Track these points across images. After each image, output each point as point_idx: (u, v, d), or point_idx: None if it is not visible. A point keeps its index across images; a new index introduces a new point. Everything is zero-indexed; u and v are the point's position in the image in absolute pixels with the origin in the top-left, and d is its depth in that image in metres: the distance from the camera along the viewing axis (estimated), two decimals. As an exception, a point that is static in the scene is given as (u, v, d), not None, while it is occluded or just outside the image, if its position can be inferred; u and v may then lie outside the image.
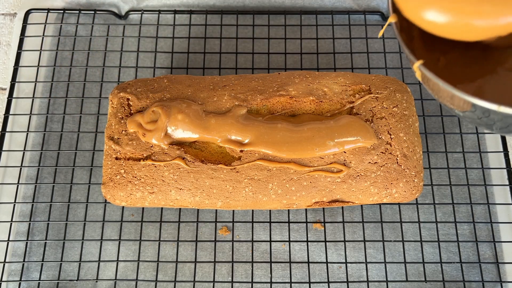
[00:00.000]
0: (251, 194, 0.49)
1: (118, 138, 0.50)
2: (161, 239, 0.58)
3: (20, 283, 0.56)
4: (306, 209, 0.58)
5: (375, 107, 0.51)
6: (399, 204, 0.58)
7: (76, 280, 0.56)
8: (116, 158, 0.50)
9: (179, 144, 0.50)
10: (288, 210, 0.59)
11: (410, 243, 0.57)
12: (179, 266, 0.57)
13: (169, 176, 0.49)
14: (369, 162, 0.49)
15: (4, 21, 0.70)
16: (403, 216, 0.58)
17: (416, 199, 0.58)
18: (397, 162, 0.50)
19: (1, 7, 0.71)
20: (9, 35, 0.69)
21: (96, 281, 0.56)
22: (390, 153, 0.50)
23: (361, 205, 0.58)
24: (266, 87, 0.52)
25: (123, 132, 0.50)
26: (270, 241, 0.57)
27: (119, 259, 0.56)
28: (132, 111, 0.51)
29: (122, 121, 0.51)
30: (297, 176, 0.49)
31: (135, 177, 0.49)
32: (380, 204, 0.58)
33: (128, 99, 0.52)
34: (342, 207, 0.58)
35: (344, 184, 0.49)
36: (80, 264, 0.56)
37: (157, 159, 0.49)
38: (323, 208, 0.58)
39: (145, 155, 0.50)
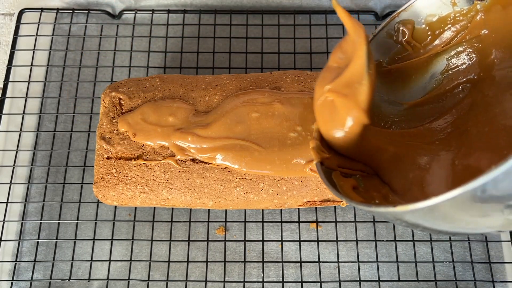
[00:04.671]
0: (242, 193, 0.49)
1: (109, 138, 0.50)
2: (159, 238, 0.58)
3: (12, 283, 0.56)
4: (303, 209, 0.58)
5: (367, 106, 0.51)
6: (391, 203, 0.58)
7: (68, 280, 0.56)
8: (108, 158, 0.50)
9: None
10: (283, 209, 0.59)
11: (404, 243, 0.57)
12: (176, 265, 0.57)
13: (160, 175, 0.49)
14: (360, 162, 0.49)
15: (4, 21, 0.70)
16: (396, 215, 0.58)
17: (409, 198, 0.58)
18: (389, 162, 0.50)
19: (1, 7, 0.71)
20: (9, 35, 0.69)
21: (88, 281, 0.56)
22: (381, 152, 0.50)
23: (354, 205, 0.58)
24: (258, 86, 0.52)
25: (115, 131, 0.50)
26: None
27: (112, 259, 0.56)
28: (123, 111, 0.51)
29: (114, 121, 0.51)
30: (288, 176, 0.49)
31: (126, 176, 0.49)
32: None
33: (120, 99, 0.52)
34: (335, 206, 0.58)
35: (335, 183, 0.49)
36: (72, 263, 0.56)
37: (148, 159, 0.49)
38: (316, 208, 0.58)
39: (136, 155, 0.50)
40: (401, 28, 0.44)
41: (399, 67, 0.45)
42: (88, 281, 0.56)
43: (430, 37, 0.44)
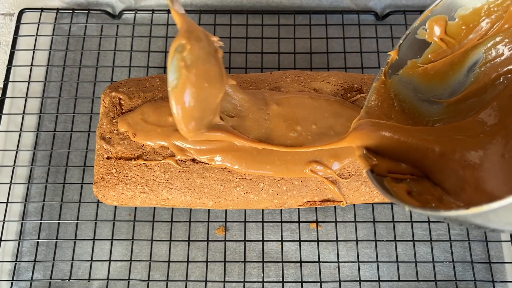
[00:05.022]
0: (242, 193, 0.49)
1: (109, 138, 0.50)
2: (159, 238, 0.58)
3: (12, 283, 0.56)
4: (303, 209, 0.58)
5: (367, 106, 0.51)
6: (391, 203, 0.58)
7: (68, 280, 0.56)
8: (108, 158, 0.50)
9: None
10: (283, 209, 0.59)
11: (404, 243, 0.57)
12: (176, 265, 0.57)
13: (160, 175, 0.49)
14: (360, 162, 0.49)
15: (4, 21, 0.70)
16: (396, 215, 0.58)
17: (409, 198, 0.58)
18: (389, 162, 0.50)
19: (1, 7, 0.71)
20: (9, 35, 0.69)
21: (88, 281, 0.56)
22: (381, 152, 0.50)
23: (354, 205, 0.58)
24: (258, 86, 0.52)
25: (115, 131, 0.50)
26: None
27: (112, 259, 0.56)
28: (123, 111, 0.51)
29: (114, 121, 0.51)
30: (288, 176, 0.49)
31: (126, 176, 0.49)
32: (373, 204, 0.58)
33: (120, 99, 0.52)
34: (335, 206, 0.58)
35: (335, 183, 0.49)
36: (72, 263, 0.56)
37: (148, 159, 0.49)
38: (316, 208, 0.58)
39: (136, 155, 0.50)
40: (434, 25, 0.43)
41: (435, 65, 0.44)
42: (88, 281, 0.56)
43: (464, 31, 0.43)
